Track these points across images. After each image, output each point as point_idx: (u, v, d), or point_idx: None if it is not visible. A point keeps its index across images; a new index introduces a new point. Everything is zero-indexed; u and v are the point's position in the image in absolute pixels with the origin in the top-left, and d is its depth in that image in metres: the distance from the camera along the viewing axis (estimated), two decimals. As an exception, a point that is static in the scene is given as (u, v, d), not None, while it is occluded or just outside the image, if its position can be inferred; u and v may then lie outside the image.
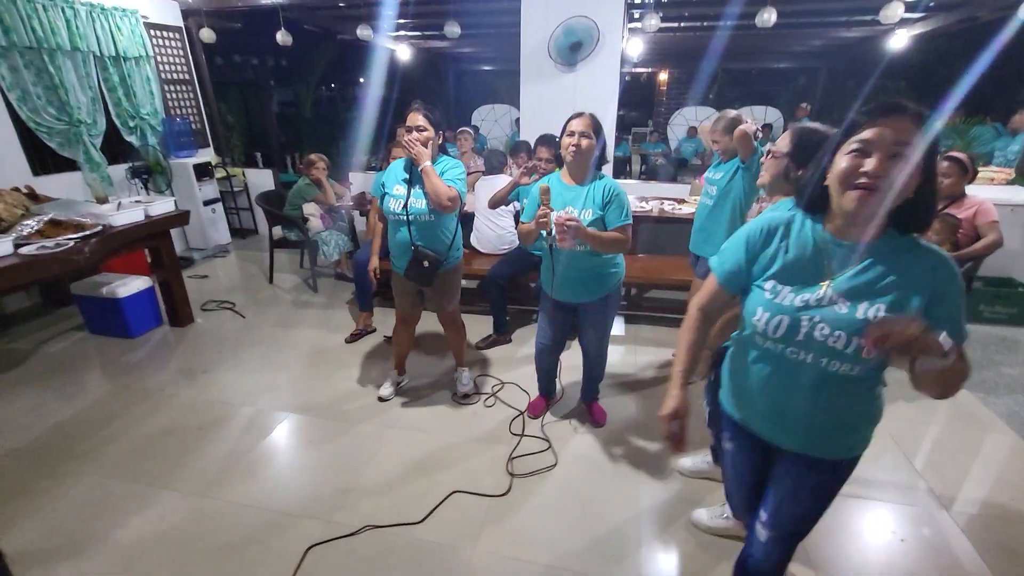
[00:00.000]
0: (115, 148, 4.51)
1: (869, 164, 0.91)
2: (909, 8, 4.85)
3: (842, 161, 0.95)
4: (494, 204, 3.32)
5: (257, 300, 3.97)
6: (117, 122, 4.40)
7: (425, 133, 2.15)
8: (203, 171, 4.93)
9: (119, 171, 4.48)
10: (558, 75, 4.46)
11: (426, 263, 2.25)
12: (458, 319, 2.61)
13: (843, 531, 1.87)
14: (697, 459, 2.16)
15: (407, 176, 2.24)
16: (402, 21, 6.46)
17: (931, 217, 0.99)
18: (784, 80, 10.74)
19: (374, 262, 2.70)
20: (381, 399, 2.65)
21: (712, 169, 2.66)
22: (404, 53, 8.22)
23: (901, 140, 0.90)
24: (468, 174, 4.34)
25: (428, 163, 2.14)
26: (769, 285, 1.06)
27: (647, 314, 3.61)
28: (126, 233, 2.98)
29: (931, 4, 5.10)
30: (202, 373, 2.92)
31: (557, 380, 2.60)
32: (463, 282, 4.05)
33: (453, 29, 4.87)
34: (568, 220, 1.80)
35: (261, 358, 3.09)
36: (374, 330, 3.41)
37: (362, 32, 5.26)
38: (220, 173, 5.26)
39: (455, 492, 2.04)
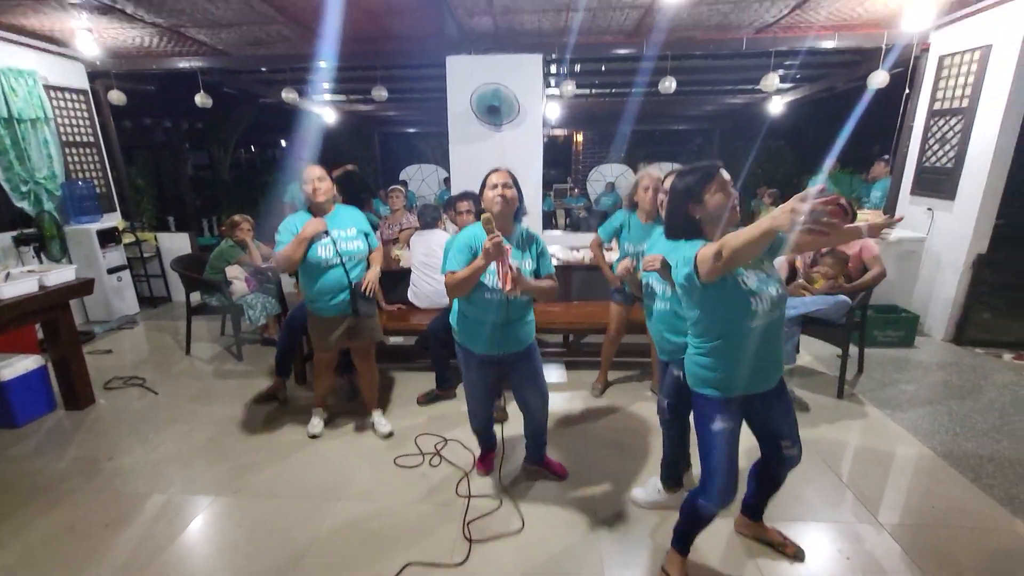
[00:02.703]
0: (5, 215, 4.10)
1: (733, 198, 1.51)
2: (782, 79, 5.65)
3: (714, 198, 1.51)
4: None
5: (171, 374, 3.62)
6: (7, 187, 4.01)
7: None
8: (108, 236, 4.57)
9: (5, 239, 4.03)
10: (485, 136, 4.69)
11: (363, 294, 2.51)
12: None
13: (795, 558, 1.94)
14: (649, 489, 2.20)
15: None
16: (328, 85, 6.53)
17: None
18: (684, 140, 11.94)
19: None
20: (313, 436, 2.73)
21: (630, 238, 2.74)
22: (329, 115, 8.26)
23: (729, 181, 1.52)
24: (401, 230, 4.36)
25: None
26: (741, 278, 1.48)
27: (587, 359, 3.69)
28: (16, 306, 2.65)
29: (798, 76, 5.98)
30: (106, 461, 2.57)
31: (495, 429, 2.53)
32: (399, 339, 4.02)
33: (380, 93, 5.00)
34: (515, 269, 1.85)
35: (177, 438, 2.78)
36: (286, 401, 3.15)
37: (287, 95, 5.25)
38: (128, 238, 4.88)
39: (409, 565, 1.90)
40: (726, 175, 1.52)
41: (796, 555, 1.90)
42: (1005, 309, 4.13)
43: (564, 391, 3.30)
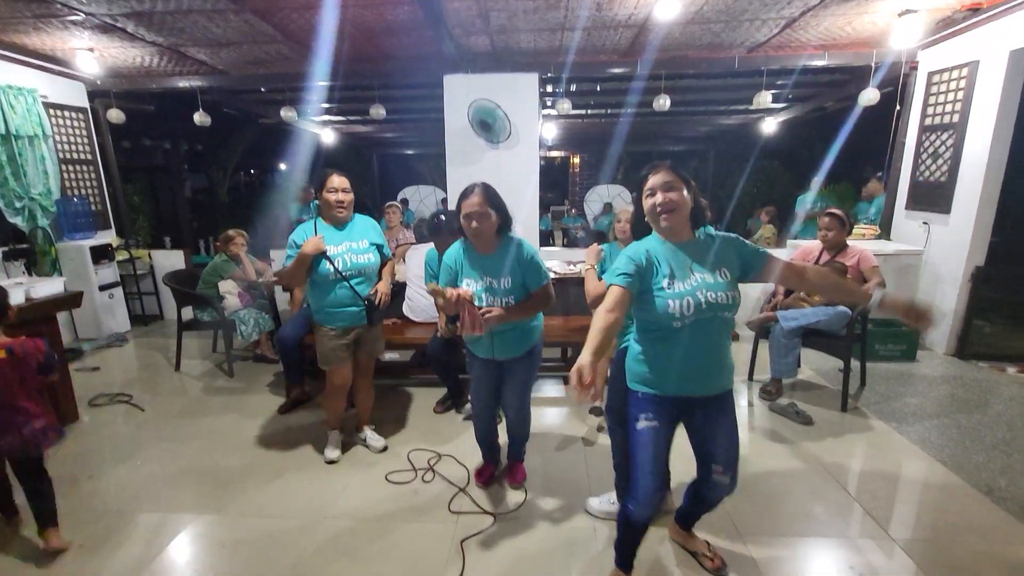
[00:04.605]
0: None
1: (659, 199, 1.50)
2: (774, 99, 5.73)
3: (646, 203, 1.55)
4: None
5: (159, 391, 3.53)
6: (1, 203, 3.99)
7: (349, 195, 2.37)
8: (102, 253, 4.53)
9: (-3, 254, 4.00)
10: (482, 155, 4.72)
11: (377, 305, 2.42)
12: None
13: (805, 574, 1.85)
14: (603, 499, 2.18)
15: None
16: (327, 105, 6.61)
17: (706, 216, 1.60)
18: (680, 161, 11.95)
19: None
20: (330, 462, 2.56)
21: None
22: (328, 137, 8.35)
23: (668, 180, 1.50)
24: (397, 246, 4.34)
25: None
26: (666, 283, 1.48)
27: (585, 374, 3.62)
28: (0, 319, 2.58)
29: (790, 96, 6.08)
30: (86, 479, 2.47)
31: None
32: (396, 355, 3.95)
33: (379, 111, 5.06)
34: (486, 312, 1.89)
35: (161, 455, 2.69)
36: (309, 399, 3.23)
37: (286, 114, 5.30)
38: (122, 255, 4.84)
39: (399, 583, 1.80)
40: (664, 176, 1.50)
41: (717, 571, 1.81)
42: (1006, 322, 4.10)
43: (562, 406, 3.23)
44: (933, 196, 4.05)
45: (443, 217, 2.74)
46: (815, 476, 2.42)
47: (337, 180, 2.32)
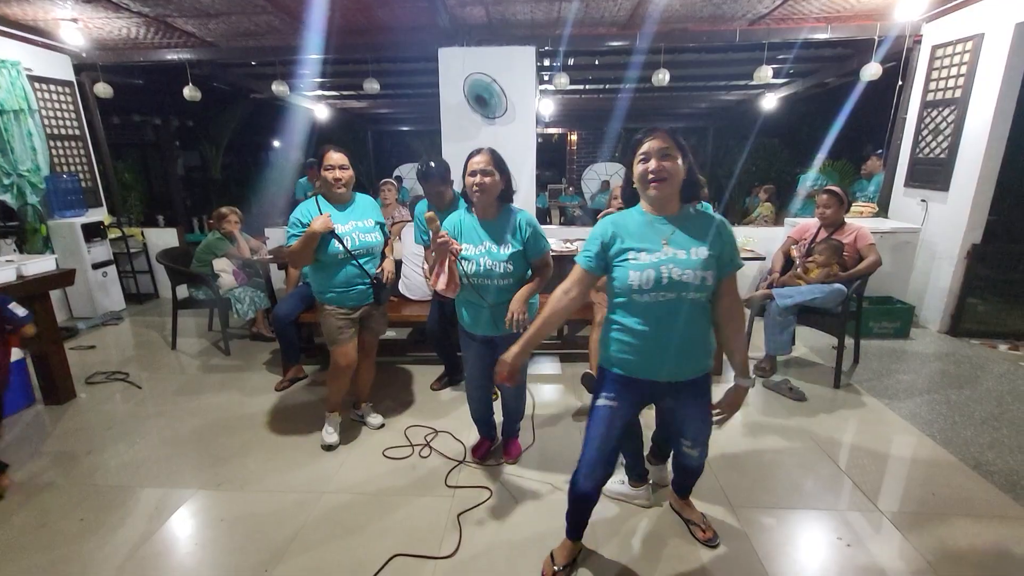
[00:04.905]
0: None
1: (652, 165, 1.42)
2: (775, 74, 5.64)
3: (636, 169, 1.47)
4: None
5: (156, 369, 3.54)
6: (-12, 179, 3.93)
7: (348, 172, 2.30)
8: (94, 231, 4.48)
9: (-14, 232, 3.95)
10: (478, 131, 4.65)
11: (384, 283, 2.42)
12: None
13: (793, 544, 1.89)
14: (614, 480, 2.13)
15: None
16: (320, 80, 6.47)
17: (699, 191, 1.53)
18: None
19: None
20: (328, 447, 2.50)
21: None
22: (322, 112, 8.20)
23: (664, 146, 1.42)
24: (393, 223, 4.30)
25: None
26: (632, 255, 1.44)
27: (582, 352, 3.64)
28: (-9, 297, 2.56)
29: (791, 70, 5.97)
30: (85, 455, 2.49)
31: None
32: (393, 332, 3.96)
33: (372, 85, 4.95)
34: (520, 317, 1.94)
35: (160, 431, 2.71)
36: (305, 376, 3.24)
37: (278, 88, 5.19)
38: (115, 233, 4.79)
39: (396, 556, 1.83)
40: (660, 141, 1.42)
41: (707, 542, 1.85)
42: (1000, 300, 4.12)
43: (558, 383, 3.25)
44: (932, 173, 4.02)
45: (432, 164, 2.66)
46: (807, 451, 2.45)
47: (335, 156, 2.26)
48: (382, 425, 2.71)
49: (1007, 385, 3.08)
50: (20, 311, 2.19)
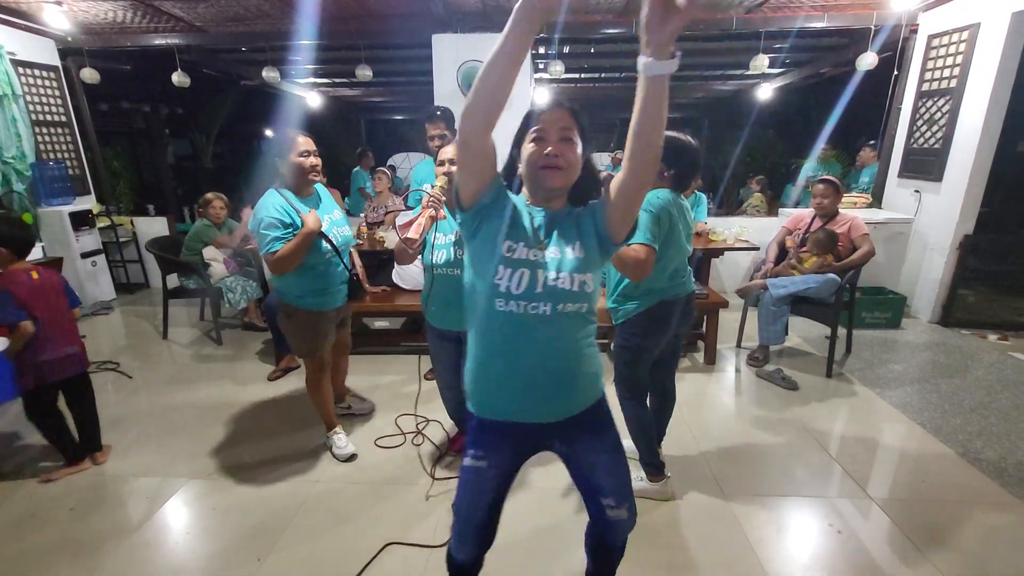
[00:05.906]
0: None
1: (548, 149, 1.08)
2: (771, 64, 5.62)
3: (525, 148, 1.11)
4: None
5: (147, 358, 3.50)
6: (-29, 166, 3.85)
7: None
8: (82, 220, 4.41)
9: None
10: (472, 117, 4.59)
11: (355, 278, 2.31)
12: None
13: (785, 531, 1.91)
14: (633, 478, 2.12)
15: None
16: (311, 67, 6.38)
17: (594, 193, 1.18)
18: (672, 129, 11.92)
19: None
20: (353, 456, 2.34)
21: None
22: (314, 100, 8.10)
23: (565, 125, 1.09)
24: (387, 212, 4.26)
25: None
26: (506, 245, 1.10)
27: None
28: (-23, 285, 2.52)
29: (787, 60, 5.95)
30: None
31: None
32: (385, 322, 3.94)
33: (365, 72, 4.88)
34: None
35: (151, 421, 2.69)
36: (298, 366, 3.20)
37: (268, 74, 5.11)
38: (103, 222, 4.73)
39: (389, 544, 1.83)
40: (562, 119, 1.09)
41: None
42: (990, 291, 4.16)
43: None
44: (926, 164, 4.03)
45: (443, 109, 2.59)
46: (798, 439, 2.47)
47: (306, 140, 2.05)
48: (372, 410, 2.71)
49: (996, 374, 3.11)
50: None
